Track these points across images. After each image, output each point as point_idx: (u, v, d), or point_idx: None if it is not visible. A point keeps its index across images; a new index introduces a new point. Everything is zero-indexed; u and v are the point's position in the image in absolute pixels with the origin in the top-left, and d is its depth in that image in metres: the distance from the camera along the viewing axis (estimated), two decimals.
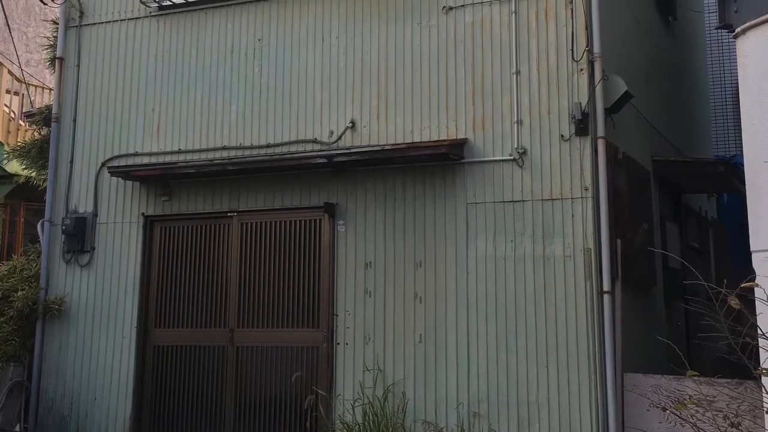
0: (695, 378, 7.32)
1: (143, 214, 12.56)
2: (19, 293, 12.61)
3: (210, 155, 12.24)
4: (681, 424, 8.17)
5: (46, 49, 15.43)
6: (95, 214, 12.83)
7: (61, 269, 12.93)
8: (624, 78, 10.74)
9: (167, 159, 12.47)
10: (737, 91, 9.03)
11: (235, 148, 12.16)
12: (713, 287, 6.23)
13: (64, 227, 12.82)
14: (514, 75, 10.79)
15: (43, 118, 14.77)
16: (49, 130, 13.75)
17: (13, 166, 16.38)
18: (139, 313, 12.34)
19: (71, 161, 13.19)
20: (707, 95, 19.94)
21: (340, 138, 11.57)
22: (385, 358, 10.86)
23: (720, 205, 18.87)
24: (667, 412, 7.76)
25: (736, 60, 8.93)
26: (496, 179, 10.67)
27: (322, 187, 11.58)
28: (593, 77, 10.39)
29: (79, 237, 12.76)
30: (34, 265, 13.17)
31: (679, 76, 16.70)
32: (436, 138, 11.01)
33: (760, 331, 6.31)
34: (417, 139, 11.11)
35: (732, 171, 13.50)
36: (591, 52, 10.42)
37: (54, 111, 13.53)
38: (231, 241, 12.08)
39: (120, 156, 12.87)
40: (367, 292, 11.10)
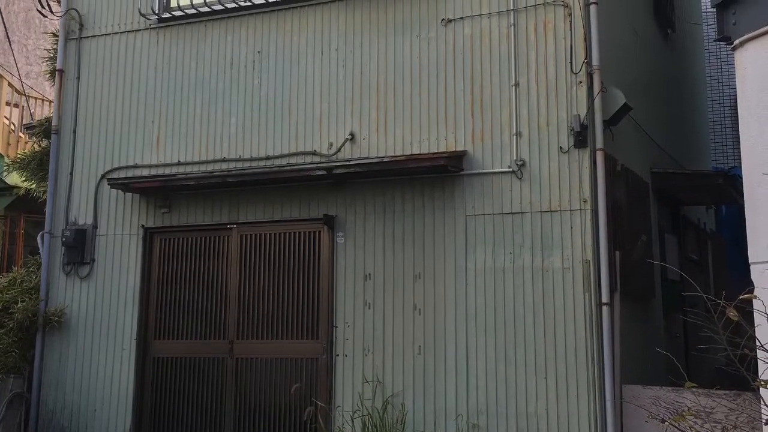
0: (694, 390, 7.32)
1: (143, 225, 12.58)
2: (19, 305, 12.61)
3: (210, 167, 12.26)
4: None
5: (46, 61, 15.44)
6: (95, 226, 12.85)
7: (61, 281, 12.94)
8: (623, 90, 10.77)
9: (167, 171, 12.48)
10: (736, 103, 9.06)
11: (235, 160, 12.18)
12: (712, 299, 6.24)
13: (64, 239, 12.83)
14: (513, 87, 10.81)
15: (43, 130, 14.76)
16: (49, 142, 13.76)
17: (13, 178, 16.38)
18: (139, 324, 12.35)
19: (71, 173, 13.21)
20: (706, 107, 19.99)
21: (339, 150, 11.59)
22: (384, 369, 10.87)
23: (718, 217, 18.89)
24: (666, 423, 7.76)
25: (734, 72, 8.95)
26: (495, 191, 10.69)
27: (322, 199, 11.60)
28: (592, 89, 10.40)
29: (79, 249, 12.78)
30: (34, 276, 13.19)
31: (677, 88, 16.73)
32: (435, 150, 11.03)
33: (758, 343, 6.31)
34: (416, 151, 11.12)
35: (730, 183, 13.51)
36: (590, 65, 10.43)
37: (54, 123, 13.55)
38: (230, 253, 12.09)
39: (120, 168, 12.89)
40: (366, 304, 11.11)
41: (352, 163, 11.17)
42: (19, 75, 18.42)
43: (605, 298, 10.03)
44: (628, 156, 11.70)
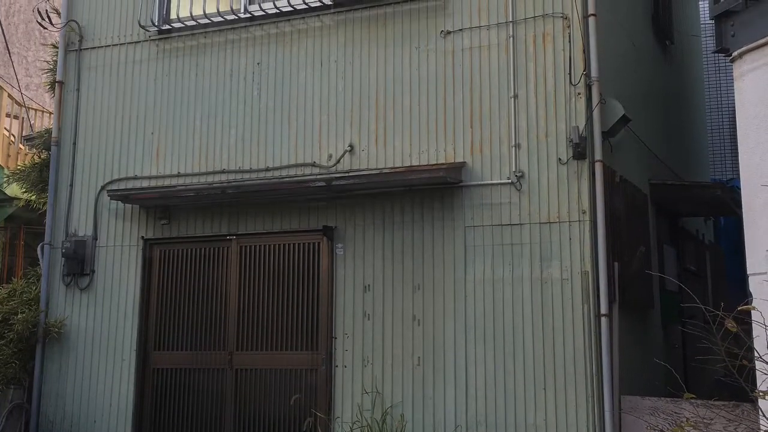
0: (692, 401, 7.34)
1: (143, 237, 12.60)
2: (19, 316, 12.61)
3: (209, 179, 12.27)
4: None
5: (46, 72, 15.47)
6: (95, 238, 12.87)
7: (61, 292, 12.96)
8: (621, 102, 10.79)
9: (167, 182, 12.51)
10: (734, 114, 9.08)
11: (235, 172, 12.19)
12: (710, 310, 6.27)
13: (63, 250, 12.84)
14: (512, 99, 10.82)
15: (42, 141, 14.76)
16: (49, 154, 13.76)
17: (13, 190, 16.38)
18: (139, 335, 12.36)
19: (71, 185, 13.23)
20: (704, 119, 20.00)
21: (338, 161, 11.60)
22: (384, 380, 10.88)
23: (717, 228, 18.90)
24: None
25: (733, 84, 8.98)
26: (494, 202, 10.70)
27: (321, 211, 11.62)
28: (591, 101, 10.42)
29: (79, 260, 12.80)
30: (34, 288, 13.19)
31: (676, 99, 16.76)
32: (434, 161, 11.05)
33: (756, 354, 6.34)
34: (415, 162, 11.14)
35: (729, 194, 13.51)
36: (588, 76, 10.45)
37: (54, 134, 13.56)
38: (230, 264, 12.11)
39: (119, 179, 12.91)
40: (365, 315, 11.12)
41: (351, 174, 11.20)
42: (19, 86, 18.47)
43: (604, 309, 10.04)
44: (627, 167, 11.72)
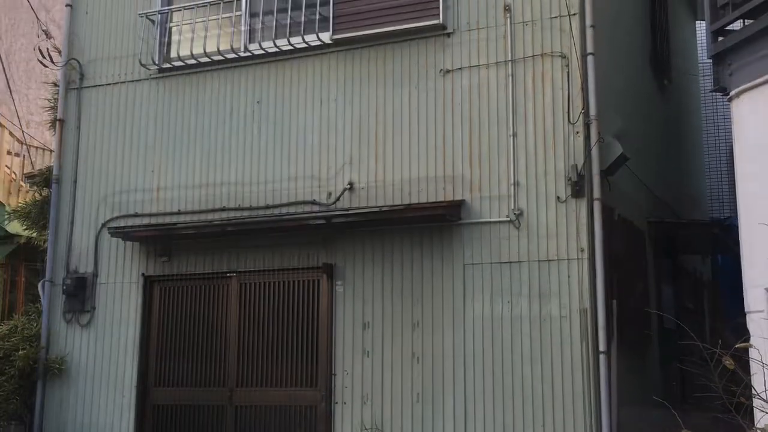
0: None
1: (143, 274, 12.63)
2: (20, 352, 12.62)
3: (209, 216, 12.30)
4: None
5: (47, 110, 15.51)
6: (95, 275, 12.90)
7: (62, 329, 12.97)
8: (620, 140, 10.84)
9: (167, 220, 12.53)
10: (732, 153, 9.14)
11: (234, 209, 12.22)
12: (708, 347, 6.30)
13: (64, 287, 12.88)
14: (511, 137, 10.86)
15: (43, 179, 14.80)
16: (50, 191, 13.81)
17: (15, 227, 16.42)
18: (139, 372, 12.36)
19: (72, 222, 13.27)
20: (702, 157, 20.06)
21: (338, 199, 11.64)
22: (383, 417, 10.87)
23: (714, 265, 18.91)
24: None
25: (730, 122, 9.04)
26: (492, 240, 10.73)
27: (321, 248, 11.65)
28: (589, 139, 10.46)
29: (80, 297, 12.83)
30: (35, 324, 13.19)
31: (674, 138, 16.82)
32: (433, 199, 11.08)
33: (754, 391, 6.36)
34: (414, 200, 11.17)
35: (726, 233, 13.56)
36: (587, 115, 10.49)
37: (54, 172, 13.63)
38: (230, 301, 12.13)
39: (120, 217, 12.94)
40: (365, 352, 11.13)
41: (350, 212, 11.24)
42: (20, 124, 18.53)
43: (602, 347, 10.05)
44: (625, 205, 11.77)
